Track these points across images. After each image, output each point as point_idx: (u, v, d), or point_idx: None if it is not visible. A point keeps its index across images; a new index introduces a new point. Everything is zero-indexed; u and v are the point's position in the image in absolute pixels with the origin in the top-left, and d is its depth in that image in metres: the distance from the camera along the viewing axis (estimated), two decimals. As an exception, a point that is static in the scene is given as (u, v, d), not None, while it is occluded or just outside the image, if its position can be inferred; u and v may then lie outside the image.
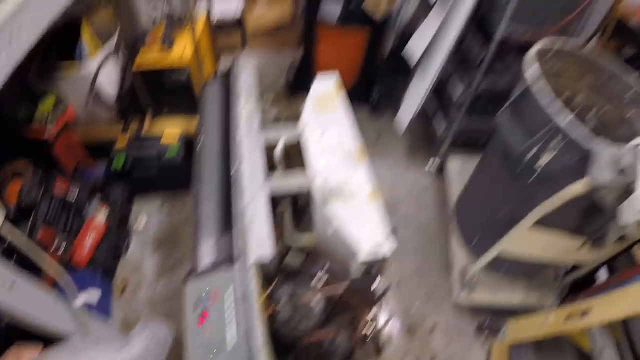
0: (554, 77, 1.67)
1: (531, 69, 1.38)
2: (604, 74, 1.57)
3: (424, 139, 2.73)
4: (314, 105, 1.77)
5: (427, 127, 2.62)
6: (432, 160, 2.56)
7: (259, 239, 1.27)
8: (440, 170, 2.49)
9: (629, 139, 1.26)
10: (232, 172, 1.51)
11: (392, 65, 2.67)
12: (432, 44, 2.01)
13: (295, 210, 1.69)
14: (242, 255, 1.23)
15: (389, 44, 2.73)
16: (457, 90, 2.14)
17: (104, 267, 1.99)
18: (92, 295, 1.78)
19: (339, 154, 1.52)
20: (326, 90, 1.82)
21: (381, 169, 2.60)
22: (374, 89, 2.84)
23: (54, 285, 1.47)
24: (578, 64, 1.61)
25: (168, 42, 2.19)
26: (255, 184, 1.45)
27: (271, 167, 1.62)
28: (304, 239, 1.56)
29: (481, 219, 1.82)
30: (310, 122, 1.69)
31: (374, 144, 2.79)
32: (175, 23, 2.25)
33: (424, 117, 2.58)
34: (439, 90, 2.30)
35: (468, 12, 1.80)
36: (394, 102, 2.55)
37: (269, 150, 1.65)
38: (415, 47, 2.07)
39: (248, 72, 1.96)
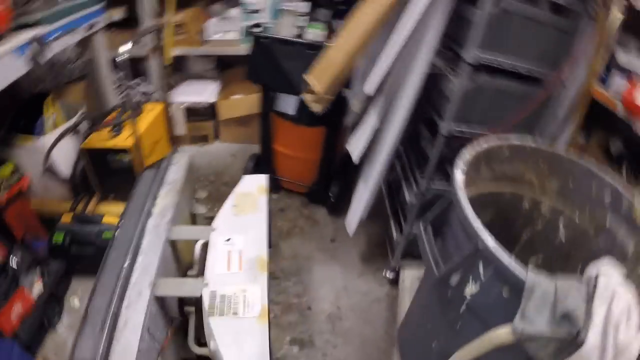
0: (511, 181, 1.46)
1: (456, 174, 1.17)
2: (576, 173, 1.35)
3: (381, 243, 2.46)
4: (233, 206, 1.59)
5: (385, 230, 2.37)
6: (385, 269, 2.27)
7: (123, 349, 1.11)
8: (396, 281, 2.18)
9: (608, 254, 1.00)
10: (124, 266, 1.34)
11: (349, 163, 2.52)
12: (374, 142, 1.86)
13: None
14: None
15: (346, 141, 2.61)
16: (409, 192, 1.94)
17: (27, 340, 1.80)
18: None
19: (239, 262, 1.38)
20: (249, 191, 1.67)
21: (332, 274, 2.31)
22: (331, 188, 2.67)
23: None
24: (544, 164, 1.41)
25: (118, 127, 2.19)
26: (140, 284, 1.29)
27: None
28: (202, 350, 1.36)
29: (417, 349, 1.50)
30: (221, 223, 1.52)
31: (328, 246, 2.53)
32: (131, 109, 2.25)
33: (381, 218, 2.35)
34: (393, 189, 2.11)
35: (406, 112, 1.66)
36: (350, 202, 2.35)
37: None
38: (354, 146, 1.92)
39: (178, 166, 1.84)
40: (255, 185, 1.70)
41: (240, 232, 1.48)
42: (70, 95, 2.49)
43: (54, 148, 2.11)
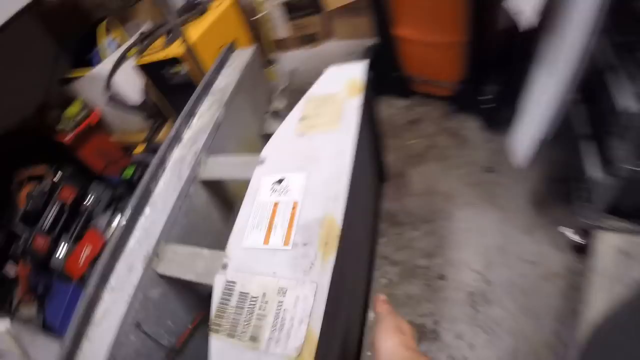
0: None
1: None
2: None
3: (566, 181, 1.46)
4: (299, 120, 0.95)
5: (574, 161, 1.35)
6: (568, 226, 1.36)
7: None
8: (584, 248, 1.27)
9: None
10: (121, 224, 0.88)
11: (514, 45, 1.57)
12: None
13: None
14: None
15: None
16: (626, 97, 0.98)
17: None
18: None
19: (288, 228, 0.79)
20: (331, 92, 1.00)
21: (484, 224, 1.51)
22: (486, 88, 1.73)
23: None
24: None
25: (172, 34, 1.73)
26: (133, 255, 0.86)
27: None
28: None
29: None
30: (273, 151, 0.91)
31: (481, 178, 1.68)
32: (192, 14, 1.82)
33: (569, 139, 1.39)
34: (593, 91, 1.15)
35: None
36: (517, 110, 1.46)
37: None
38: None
39: (231, 70, 1.26)
40: (342, 82, 1.01)
41: (303, 168, 0.85)
42: (136, 16, 2.14)
43: (114, 74, 1.79)
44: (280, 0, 2.42)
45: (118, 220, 1.59)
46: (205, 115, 1.09)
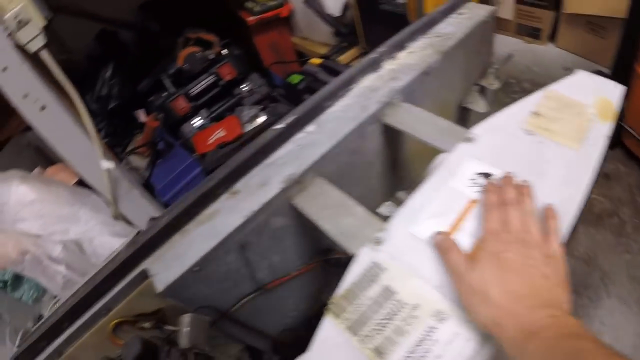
0: None
1: None
2: None
3: None
4: (532, 114, 0.70)
5: None
6: None
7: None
8: None
9: None
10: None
11: None
12: None
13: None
14: None
15: None
16: None
17: (209, 169, 1.52)
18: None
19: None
20: (578, 100, 0.74)
21: (626, 325, 1.20)
22: None
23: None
24: None
25: None
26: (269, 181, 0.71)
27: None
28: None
29: None
30: (487, 135, 0.68)
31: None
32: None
33: None
34: None
35: None
36: None
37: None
38: None
39: (464, 19, 1.01)
40: (593, 95, 0.73)
41: (521, 174, 0.61)
42: None
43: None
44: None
45: (263, 120, 1.50)
46: (416, 54, 0.87)
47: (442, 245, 0.52)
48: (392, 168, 0.88)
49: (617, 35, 1.52)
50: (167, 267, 0.60)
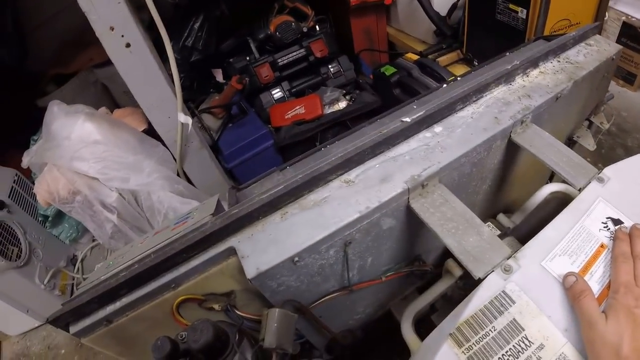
0: None
1: None
2: None
3: None
4: None
5: None
6: None
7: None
8: None
9: None
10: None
11: None
12: None
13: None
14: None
15: None
16: None
17: (282, 145, 1.52)
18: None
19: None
20: None
21: None
22: None
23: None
24: None
25: None
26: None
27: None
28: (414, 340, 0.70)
29: None
30: (620, 180, 0.64)
31: None
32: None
33: None
34: None
35: None
36: None
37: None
38: None
39: (591, 51, 0.92)
40: None
41: None
42: None
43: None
44: (624, 17, 1.89)
45: (344, 105, 1.45)
46: (548, 76, 0.81)
47: (576, 288, 0.50)
48: (499, 187, 0.83)
49: None
50: (262, 250, 0.55)
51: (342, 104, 1.45)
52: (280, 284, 0.58)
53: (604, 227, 0.57)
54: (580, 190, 0.62)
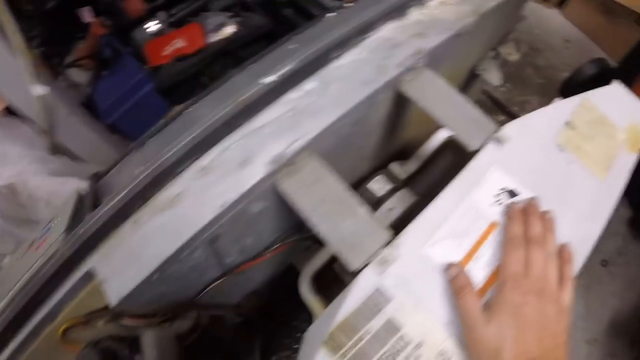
0: None
1: None
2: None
3: None
4: (566, 124, 0.55)
5: None
6: None
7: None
8: None
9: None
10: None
11: None
12: None
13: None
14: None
15: None
16: None
17: (164, 87, 1.28)
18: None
19: None
20: (610, 120, 0.62)
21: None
22: None
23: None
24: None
25: None
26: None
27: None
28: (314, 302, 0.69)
29: None
30: (521, 140, 0.56)
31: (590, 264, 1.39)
32: None
33: None
34: None
35: None
36: None
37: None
38: None
39: None
40: (626, 119, 0.64)
41: (547, 193, 0.53)
42: None
43: None
44: None
45: (232, 31, 1.24)
46: (450, 7, 0.69)
47: (456, 282, 0.44)
48: (389, 137, 0.74)
49: (629, 28, 1.41)
50: (121, 270, 0.47)
51: (230, 30, 1.24)
52: (153, 295, 0.50)
53: (497, 201, 0.51)
54: (473, 154, 0.54)
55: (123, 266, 0.47)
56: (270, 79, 0.53)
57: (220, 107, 0.52)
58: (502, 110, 1.59)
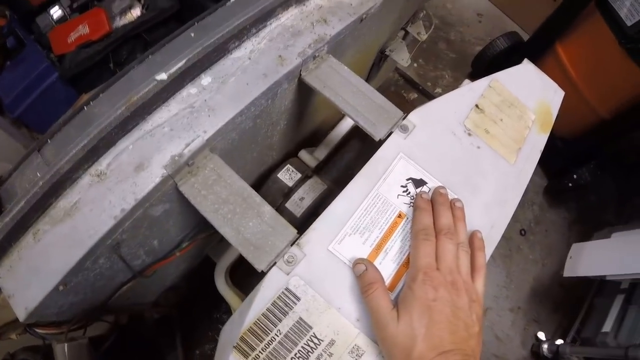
0: None
1: None
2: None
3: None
4: (475, 108, 0.58)
5: None
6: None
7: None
8: None
9: None
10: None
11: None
12: None
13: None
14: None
15: None
16: None
17: (69, 76, 1.18)
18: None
19: None
20: (520, 101, 0.65)
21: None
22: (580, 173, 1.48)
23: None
24: None
25: None
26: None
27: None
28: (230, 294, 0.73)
29: None
30: (425, 124, 0.58)
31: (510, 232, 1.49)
32: None
33: None
34: None
35: None
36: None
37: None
38: None
39: None
40: (536, 98, 0.67)
41: (453, 188, 0.55)
42: None
43: None
44: None
45: (137, 15, 1.16)
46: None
47: (364, 279, 0.44)
48: (298, 124, 0.74)
49: (542, 1, 1.48)
50: (26, 285, 0.45)
51: (136, 12, 1.17)
52: (62, 306, 0.50)
53: (404, 191, 0.52)
54: (380, 142, 0.55)
55: (27, 280, 0.45)
56: (163, 76, 0.50)
57: (115, 107, 0.49)
58: (414, 87, 1.64)
